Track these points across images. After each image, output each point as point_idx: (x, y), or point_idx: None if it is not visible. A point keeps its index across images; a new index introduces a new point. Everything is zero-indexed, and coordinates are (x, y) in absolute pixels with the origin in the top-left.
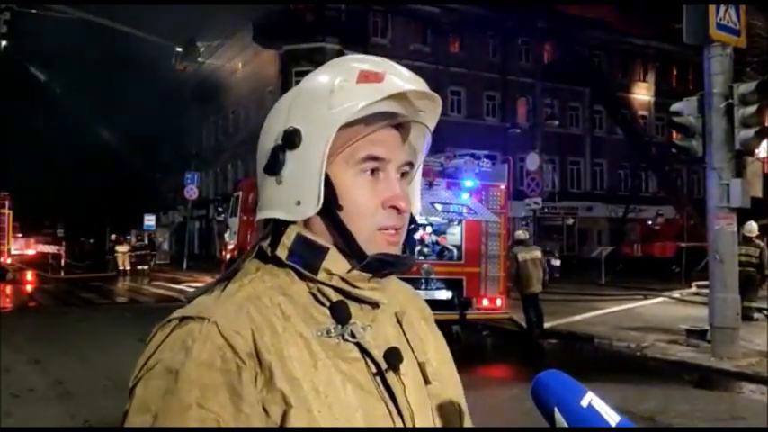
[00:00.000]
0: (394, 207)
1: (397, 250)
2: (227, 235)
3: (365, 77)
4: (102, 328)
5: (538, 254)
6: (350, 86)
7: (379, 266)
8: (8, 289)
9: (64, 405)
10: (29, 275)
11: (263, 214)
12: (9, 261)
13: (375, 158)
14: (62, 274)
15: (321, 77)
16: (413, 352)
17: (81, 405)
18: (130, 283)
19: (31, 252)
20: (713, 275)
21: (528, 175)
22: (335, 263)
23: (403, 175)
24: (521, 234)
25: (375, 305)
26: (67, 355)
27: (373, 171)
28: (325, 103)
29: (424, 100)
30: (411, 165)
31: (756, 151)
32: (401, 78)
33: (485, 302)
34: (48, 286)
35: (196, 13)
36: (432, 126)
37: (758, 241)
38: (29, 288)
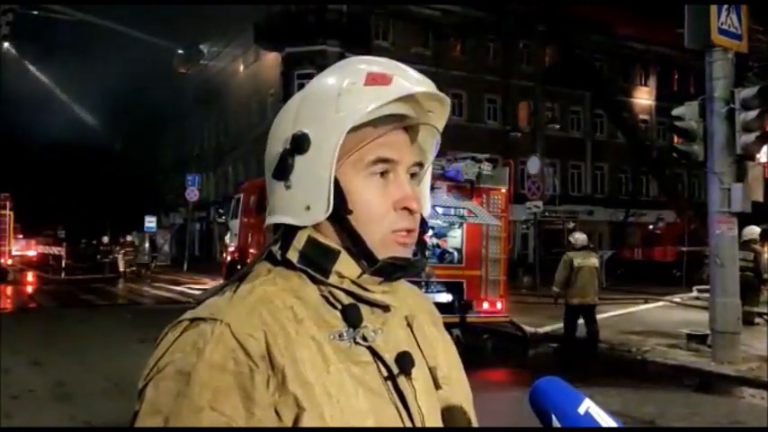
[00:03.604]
0: (405, 208)
1: (409, 252)
2: (227, 237)
3: (373, 80)
4: (103, 330)
5: (595, 261)
6: (357, 89)
7: (391, 270)
8: (9, 290)
9: (64, 407)
10: (29, 276)
11: (272, 219)
12: (10, 262)
13: (385, 160)
14: (62, 275)
15: (328, 80)
16: (423, 356)
17: (81, 406)
18: (130, 284)
19: (31, 253)
20: (714, 280)
21: (529, 178)
22: (347, 266)
23: (412, 176)
24: (580, 238)
25: (386, 309)
26: (68, 357)
27: (383, 173)
28: (332, 107)
29: (433, 101)
30: (420, 165)
31: (757, 156)
32: (409, 80)
33: (485, 306)
34: (48, 287)
35: (198, 15)
36: (440, 127)
37: (754, 245)
38: (29, 289)
